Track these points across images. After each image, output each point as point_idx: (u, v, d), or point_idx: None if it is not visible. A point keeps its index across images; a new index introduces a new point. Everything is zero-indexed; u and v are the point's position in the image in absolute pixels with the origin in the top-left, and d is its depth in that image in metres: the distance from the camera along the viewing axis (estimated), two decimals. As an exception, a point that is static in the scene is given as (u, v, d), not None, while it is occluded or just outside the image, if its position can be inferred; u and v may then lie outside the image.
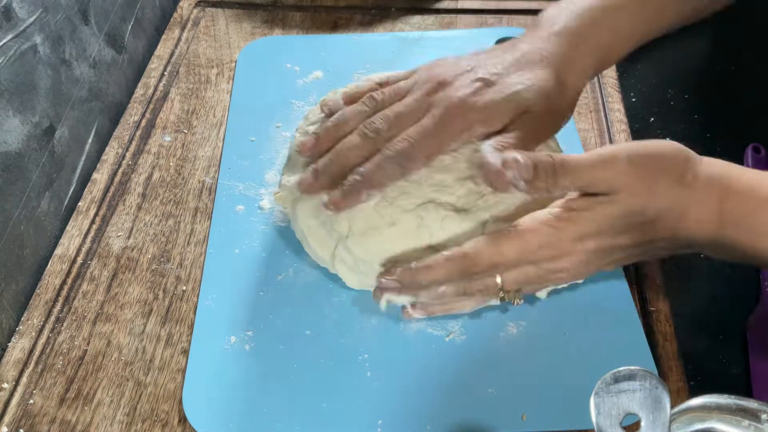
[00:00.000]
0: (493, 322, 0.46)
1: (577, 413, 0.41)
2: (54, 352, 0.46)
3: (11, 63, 0.49)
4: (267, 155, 0.58)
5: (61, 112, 0.56)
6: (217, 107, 0.64)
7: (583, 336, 0.45)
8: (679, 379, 0.43)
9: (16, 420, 0.42)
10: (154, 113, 0.63)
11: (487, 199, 0.43)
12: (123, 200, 0.55)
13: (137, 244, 0.52)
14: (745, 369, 0.47)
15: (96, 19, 0.62)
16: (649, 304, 0.47)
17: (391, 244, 0.43)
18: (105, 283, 0.50)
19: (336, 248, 0.45)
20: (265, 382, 0.43)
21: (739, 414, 0.31)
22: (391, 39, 0.70)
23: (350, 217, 0.44)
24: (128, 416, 0.42)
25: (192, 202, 0.55)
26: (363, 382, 0.43)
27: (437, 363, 0.44)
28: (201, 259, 0.51)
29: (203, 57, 0.69)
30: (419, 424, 0.41)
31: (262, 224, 0.53)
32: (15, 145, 0.49)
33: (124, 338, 0.46)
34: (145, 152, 0.59)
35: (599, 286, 0.48)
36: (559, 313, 0.46)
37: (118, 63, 0.66)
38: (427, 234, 0.43)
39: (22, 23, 0.50)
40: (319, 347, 0.45)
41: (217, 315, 0.47)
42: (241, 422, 0.41)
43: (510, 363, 0.44)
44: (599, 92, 0.64)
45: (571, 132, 0.59)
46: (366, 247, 0.44)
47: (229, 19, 0.74)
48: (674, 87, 0.70)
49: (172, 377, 0.44)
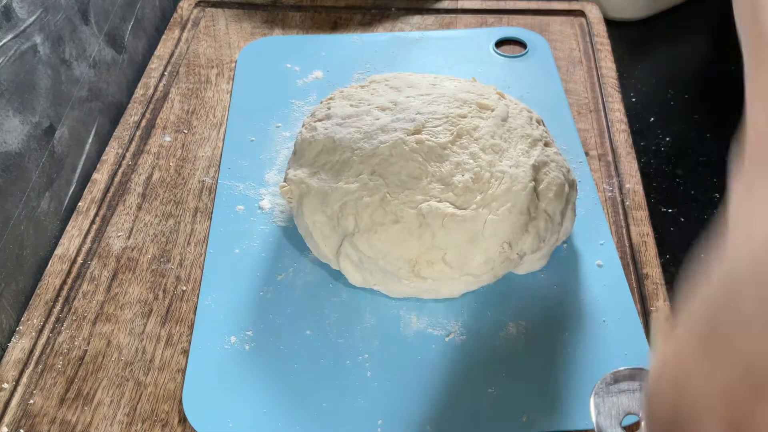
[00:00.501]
0: (493, 322, 0.46)
1: (577, 413, 0.41)
2: (54, 352, 0.46)
3: (11, 63, 0.49)
4: (267, 155, 0.58)
5: (61, 112, 0.55)
6: (217, 107, 0.64)
7: (583, 336, 0.45)
8: (679, 379, 0.43)
9: (16, 420, 0.42)
10: (154, 113, 0.63)
11: (485, 198, 0.44)
12: (123, 200, 0.55)
13: (137, 244, 0.52)
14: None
15: (96, 19, 0.62)
16: (649, 304, 0.47)
17: (396, 241, 0.44)
18: (105, 283, 0.50)
19: (341, 245, 0.45)
20: (265, 382, 0.43)
21: None
22: (391, 39, 0.70)
23: (356, 212, 0.44)
24: (128, 416, 0.42)
25: (192, 202, 0.55)
26: (363, 382, 0.43)
27: (437, 363, 0.44)
28: (201, 259, 0.51)
29: (203, 57, 0.69)
30: (419, 424, 0.41)
31: (262, 224, 0.53)
32: (15, 145, 0.49)
33: (124, 338, 0.46)
34: (145, 152, 0.59)
35: (599, 286, 0.48)
36: (559, 313, 0.46)
37: (118, 63, 0.66)
38: (430, 233, 0.43)
39: (22, 23, 0.50)
40: (319, 347, 0.45)
41: (217, 315, 0.47)
42: (241, 422, 0.41)
43: (510, 363, 0.44)
44: (599, 92, 0.64)
45: (571, 132, 0.59)
46: (370, 244, 0.44)
47: (229, 19, 0.74)
48: (674, 87, 0.70)
49: (172, 377, 0.44)
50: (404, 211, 0.44)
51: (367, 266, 0.45)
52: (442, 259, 0.44)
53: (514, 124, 0.48)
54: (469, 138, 0.46)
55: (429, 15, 0.74)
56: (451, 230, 0.43)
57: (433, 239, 0.43)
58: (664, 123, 0.66)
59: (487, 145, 0.46)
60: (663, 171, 0.61)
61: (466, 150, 0.46)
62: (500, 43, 0.70)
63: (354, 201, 0.45)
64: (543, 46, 0.69)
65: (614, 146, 0.58)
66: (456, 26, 0.72)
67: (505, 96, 0.52)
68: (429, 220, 0.43)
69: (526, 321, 0.46)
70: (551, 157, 0.48)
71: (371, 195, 0.44)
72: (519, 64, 0.67)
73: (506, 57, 0.68)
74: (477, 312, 0.46)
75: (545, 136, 0.49)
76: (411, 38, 0.70)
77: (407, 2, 0.75)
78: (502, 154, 0.46)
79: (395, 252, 0.44)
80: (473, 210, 0.43)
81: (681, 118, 0.66)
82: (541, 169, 0.46)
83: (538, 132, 0.49)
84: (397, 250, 0.44)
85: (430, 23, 0.73)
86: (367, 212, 0.44)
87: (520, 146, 0.47)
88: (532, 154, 0.47)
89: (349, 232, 0.45)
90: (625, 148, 0.58)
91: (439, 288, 0.45)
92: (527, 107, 0.52)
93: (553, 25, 0.72)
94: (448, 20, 0.73)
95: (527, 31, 0.70)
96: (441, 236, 0.43)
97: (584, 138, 0.59)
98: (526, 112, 0.51)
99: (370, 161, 0.46)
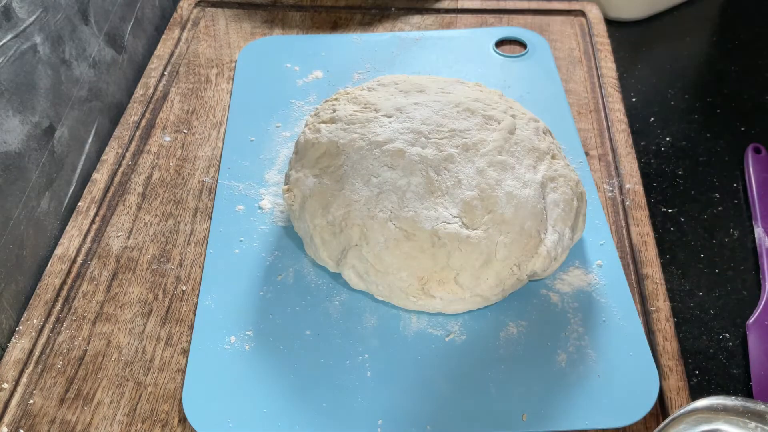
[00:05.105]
0: (493, 322, 0.46)
1: (577, 413, 0.41)
2: (54, 352, 0.46)
3: (11, 63, 0.49)
4: (267, 155, 0.58)
5: (61, 112, 0.56)
6: (217, 107, 0.64)
7: (583, 336, 0.45)
8: (679, 378, 0.43)
9: (16, 420, 0.42)
10: (154, 113, 0.63)
11: (494, 217, 0.43)
12: (123, 200, 0.55)
13: (137, 244, 0.52)
14: (745, 369, 0.47)
15: (96, 19, 0.62)
16: (649, 304, 0.47)
17: (407, 258, 0.43)
18: (105, 283, 0.50)
19: (347, 253, 0.45)
20: (265, 382, 0.43)
21: (746, 416, 0.30)
22: (391, 39, 0.70)
23: (363, 224, 0.44)
24: (128, 416, 0.42)
25: (192, 202, 0.55)
26: (363, 382, 0.43)
27: (437, 363, 0.44)
28: (201, 259, 0.51)
29: (203, 57, 0.69)
30: (419, 424, 0.41)
31: (262, 224, 0.53)
32: (15, 145, 0.49)
33: (124, 338, 0.46)
34: (145, 152, 0.59)
35: (599, 286, 0.48)
36: (559, 313, 0.46)
37: (118, 63, 0.66)
38: (444, 253, 0.43)
39: (22, 23, 0.50)
40: (319, 347, 0.45)
41: (217, 315, 0.47)
42: (241, 422, 0.41)
43: (510, 363, 0.44)
44: (599, 92, 0.64)
45: (571, 132, 0.59)
46: (380, 258, 0.44)
47: (229, 19, 0.74)
48: (674, 87, 0.70)
49: (172, 377, 0.44)
50: (416, 228, 0.43)
51: (374, 279, 0.45)
52: (454, 280, 0.43)
53: (521, 135, 0.48)
54: (475, 152, 0.46)
55: (429, 15, 0.74)
56: (465, 252, 0.43)
57: (448, 260, 0.43)
58: (664, 123, 0.66)
59: (495, 161, 0.45)
60: (663, 171, 0.61)
61: (473, 165, 0.45)
62: (500, 43, 0.70)
63: (360, 211, 0.44)
64: (543, 46, 0.69)
65: (614, 146, 0.58)
66: (456, 26, 0.72)
67: (509, 100, 0.52)
68: (444, 240, 0.43)
69: (526, 321, 0.46)
70: (559, 172, 0.47)
71: (379, 208, 0.44)
72: (519, 64, 0.67)
73: (506, 57, 0.68)
74: (477, 312, 0.46)
75: (552, 149, 0.49)
76: (411, 38, 0.70)
77: (407, 2, 0.75)
78: (510, 171, 0.45)
79: (406, 269, 0.43)
80: (484, 231, 0.43)
81: (681, 118, 0.66)
82: (549, 185, 0.46)
83: (545, 144, 0.48)
84: (408, 267, 0.43)
85: (430, 23, 0.73)
86: (376, 225, 0.44)
87: (527, 161, 0.46)
88: (539, 169, 0.46)
89: (353, 243, 0.45)
90: (625, 148, 0.58)
91: (445, 307, 0.45)
92: (534, 116, 0.51)
93: (553, 25, 0.72)
94: (448, 20, 0.73)
95: (527, 31, 0.70)
96: (456, 258, 0.43)
97: (584, 138, 0.59)
98: (533, 123, 0.50)
99: (374, 171, 0.45)
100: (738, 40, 0.76)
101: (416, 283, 0.44)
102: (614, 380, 0.43)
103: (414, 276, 0.43)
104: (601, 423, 0.41)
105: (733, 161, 0.62)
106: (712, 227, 0.56)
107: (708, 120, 0.66)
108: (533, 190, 0.45)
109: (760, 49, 0.74)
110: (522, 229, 0.44)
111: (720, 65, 0.72)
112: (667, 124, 0.66)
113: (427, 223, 0.43)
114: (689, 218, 0.57)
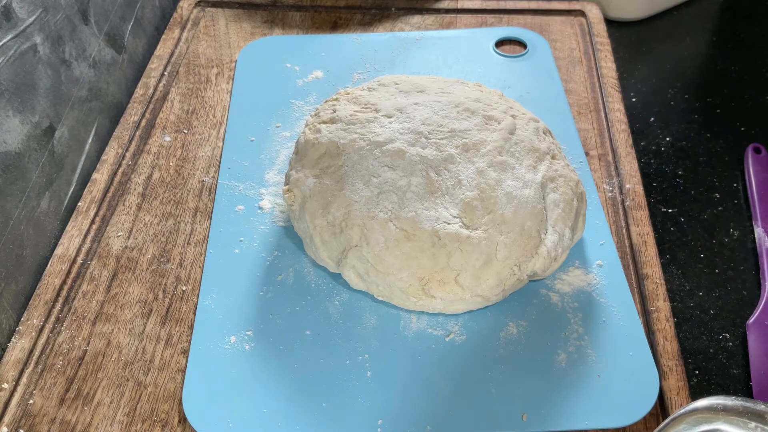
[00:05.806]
0: (493, 322, 0.46)
1: (577, 413, 0.41)
2: (54, 352, 0.46)
3: (11, 63, 0.49)
4: (267, 155, 0.58)
5: (61, 112, 0.56)
6: (217, 107, 0.64)
7: (583, 336, 0.45)
8: (679, 378, 0.43)
9: (16, 420, 0.42)
10: (154, 113, 0.63)
11: (494, 218, 0.43)
12: (123, 200, 0.55)
13: (137, 244, 0.52)
14: (745, 369, 0.47)
15: (96, 19, 0.62)
16: (649, 304, 0.47)
17: (408, 258, 0.43)
18: (105, 283, 0.50)
19: (347, 254, 0.45)
20: (265, 382, 0.43)
21: (746, 416, 0.30)
22: (391, 39, 0.70)
23: (363, 224, 0.44)
24: (128, 416, 0.42)
25: (192, 202, 0.55)
26: (363, 382, 0.43)
27: (437, 363, 0.44)
28: (201, 259, 0.51)
29: (203, 57, 0.69)
30: (419, 424, 0.41)
31: (262, 224, 0.53)
32: (15, 145, 0.49)
33: (124, 338, 0.46)
34: (145, 152, 0.59)
35: (599, 286, 0.48)
36: (559, 313, 0.46)
37: (118, 63, 0.66)
38: (445, 254, 0.43)
39: (22, 23, 0.50)
40: (319, 347, 0.45)
41: (217, 315, 0.47)
42: (241, 422, 0.41)
43: (510, 363, 0.44)
44: (599, 92, 0.64)
45: (571, 132, 0.59)
46: (381, 259, 0.44)
47: (229, 19, 0.74)
48: (674, 87, 0.70)
49: (172, 377, 0.44)
50: (417, 229, 0.43)
51: (374, 279, 0.45)
52: (454, 280, 0.43)
53: (521, 136, 0.48)
54: (475, 152, 0.46)
55: (429, 15, 0.74)
56: (465, 252, 0.43)
57: (449, 260, 0.43)
58: (664, 123, 0.66)
59: (495, 162, 0.45)
60: (663, 171, 0.61)
61: (473, 165, 0.45)
62: (500, 43, 0.70)
63: (360, 212, 0.44)
64: (543, 46, 0.69)
65: (614, 146, 0.58)
66: (456, 26, 0.72)
67: (509, 100, 0.52)
68: (444, 240, 0.43)
69: (526, 321, 0.46)
70: (559, 172, 0.47)
71: (379, 208, 0.44)
72: (519, 64, 0.67)
73: (506, 57, 0.68)
74: (477, 312, 0.46)
75: (552, 149, 0.49)
76: (411, 38, 0.70)
77: (407, 2, 0.75)
78: (510, 172, 0.45)
79: (406, 269, 0.43)
80: (484, 231, 0.43)
81: (681, 118, 0.66)
82: (549, 185, 0.46)
83: (545, 144, 0.48)
84: (408, 267, 0.43)
85: (430, 23, 0.73)
86: (376, 226, 0.44)
87: (527, 161, 0.46)
88: (539, 169, 0.46)
89: (353, 243, 0.45)
90: (625, 148, 0.58)
91: (446, 307, 0.45)
92: (534, 116, 0.51)
93: (553, 25, 0.72)
94: (448, 20, 0.73)
95: (527, 31, 0.70)
96: (457, 258, 0.43)
97: (584, 138, 0.59)
98: (533, 123, 0.50)
99: (375, 171, 0.45)
100: (738, 40, 0.76)
101: (417, 283, 0.44)
102: (614, 380, 0.43)
103: (414, 276, 0.43)
104: (601, 423, 0.41)
105: (733, 161, 0.62)
106: (712, 227, 0.56)
107: (708, 120, 0.66)
108: (533, 191, 0.45)
109: (760, 49, 0.74)
110: (522, 230, 0.44)
111: (720, 65, 0.72)
112: (667, 124, 0.66)
113: (428, 224, 0.43)
114: (689, 218, 0.57)
